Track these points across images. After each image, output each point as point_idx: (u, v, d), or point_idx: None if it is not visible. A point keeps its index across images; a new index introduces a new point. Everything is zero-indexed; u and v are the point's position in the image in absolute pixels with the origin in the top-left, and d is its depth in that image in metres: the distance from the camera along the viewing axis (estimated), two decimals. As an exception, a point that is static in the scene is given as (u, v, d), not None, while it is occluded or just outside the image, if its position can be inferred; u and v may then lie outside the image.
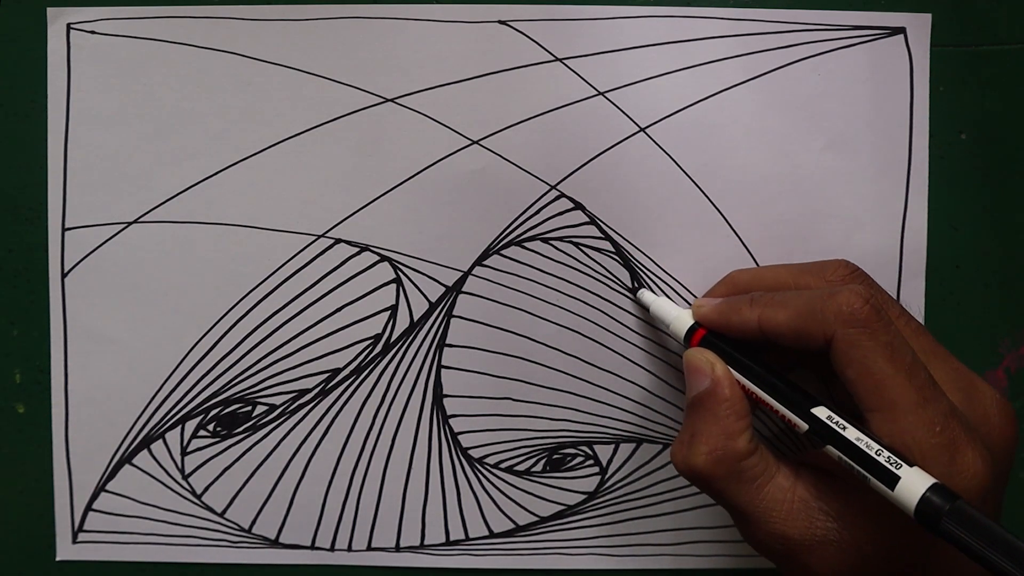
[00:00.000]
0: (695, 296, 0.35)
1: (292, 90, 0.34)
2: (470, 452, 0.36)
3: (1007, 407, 0.29)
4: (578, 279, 0.35)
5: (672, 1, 0.34)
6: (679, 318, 0.32)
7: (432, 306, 0.35)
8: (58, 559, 0.36)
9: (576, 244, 0.35)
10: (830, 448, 0.27)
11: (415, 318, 0.35)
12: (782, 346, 0.29)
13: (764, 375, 0.29)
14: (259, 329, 0.35)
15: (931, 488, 0.25)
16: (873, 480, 0.26)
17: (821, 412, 0.28)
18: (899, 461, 0.25)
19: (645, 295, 0.34)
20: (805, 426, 0.28)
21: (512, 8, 0.34)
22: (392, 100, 0.34)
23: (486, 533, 0.36)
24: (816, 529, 0.27)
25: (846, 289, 0.27)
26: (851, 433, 0.27)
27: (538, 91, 0.34)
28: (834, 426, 0.27)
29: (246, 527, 0.36)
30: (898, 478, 0.25)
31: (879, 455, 0.26)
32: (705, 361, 0.29)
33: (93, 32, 0.34)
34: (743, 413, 0.29)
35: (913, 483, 0.25)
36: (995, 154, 0.35)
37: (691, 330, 0.31)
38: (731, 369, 0.29)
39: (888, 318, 0.27)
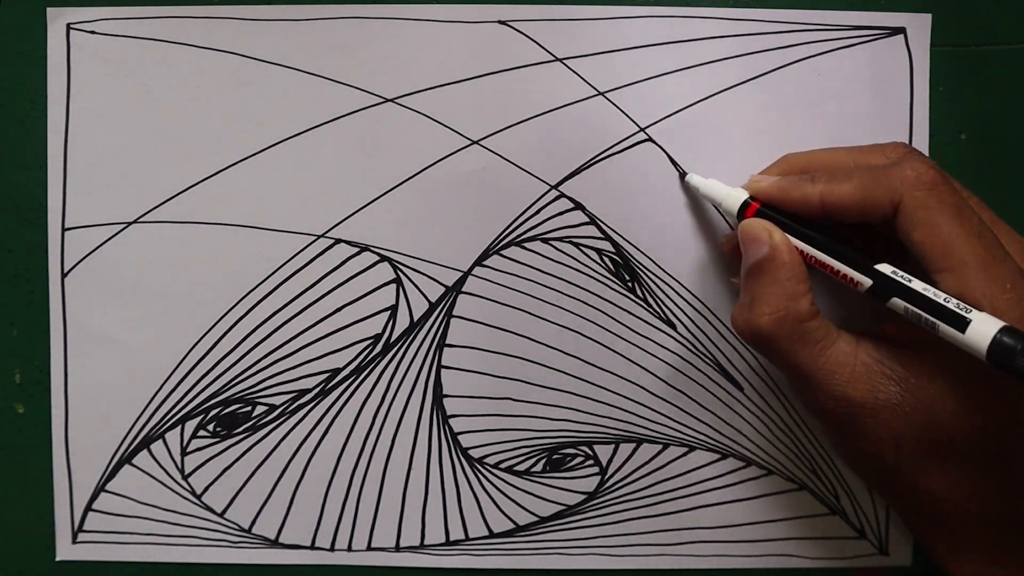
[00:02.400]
0: (688, 289, 0.35)
1: (292, 90, 0.34)
2: (470, 452, 0.36)
3: None
4: (578, 279, 0.35)
5: (672, 1, 0.34)
6: (731, 195, 0.32)
7: (432, 306, 0.35)
8: (58, 559, 0.36)
9: (576, 244, 0.35)
10: (896, 301, 0.27)
11: (415, 318, 0.35)
12: (839, 224, 0.29)
13: (823, 239, 0.29)
14: (259, 329, 0.35)
15: (1002, 329, 0.24)
16: (943, 326, 0.26)
17: (885, 268, 0.28)
18: (968, 307, 0.25)
19: (694, 178, 0.33)
20: (868, 282, 0.28)
21: (512, 8, 0.34)
22: (392, 100, 0.34)
23: (486, 533, 0.36)
24: (879, 392, 0.28)
25: (911, 157, 0.28)
26: (917, 284, 0.27)
27: (538, 91, 0.34)
28: (900, 279, 0.27)
29: (246, 527, 0.36)
30: (968, 321, 0.25)
31: (947, 302, 0.26)
32: (762, 228, 0.29)
33: (93, 32, 0.34)
34: (803, 277, 0.29)
35: (984, 325, 0.25)
36: (995, 154, 0.35)
37: (744, 204, 0.31)
38: (788, 236, 0.29)
39: (954, 184, 0.27)
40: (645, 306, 0.35)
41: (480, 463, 0.36)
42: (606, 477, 0.36)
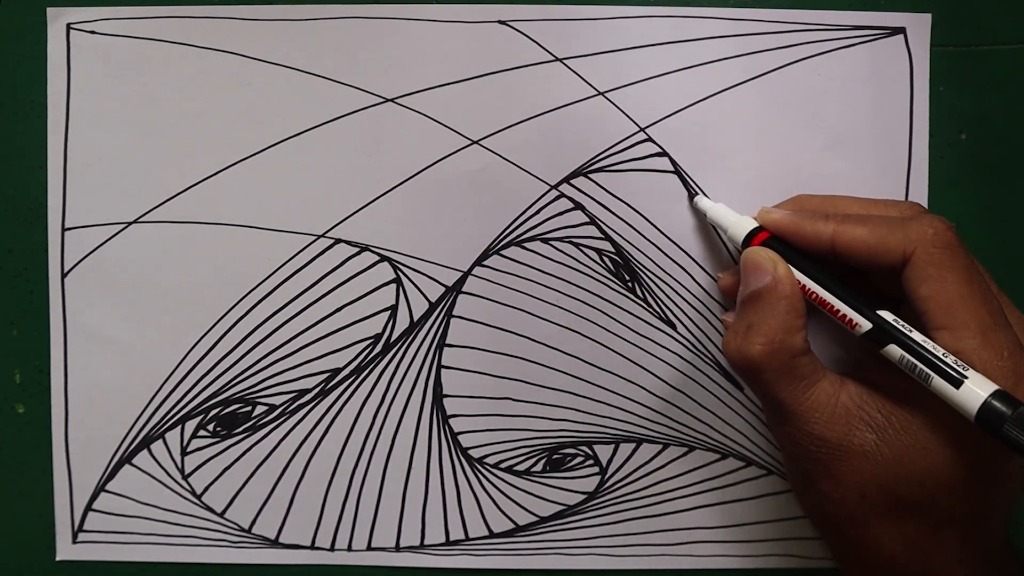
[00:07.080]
0: (693, 294, 0.35)
1: (292, 90, 0.34)
2: (470, 452, 0.36)
3: None
4: (578, 279, 0.35)
5: (672, 1, 0.34)
6: (739, 223, 0.32)
7: (432, 306, 0.35)
8: (58, 559, 0.36)
9: (576, 244, 0.35)
10: (892, 349, 0.27)
11: (415, 318, 0.35)
12: (842, 267, 0.30)
13: (829, 277, 0.29)
14: (259, 329, 0.35)
15: (995, 393, 0.25)
16: (937, 380, 0.26)
17: (887, 315, 0.28)
18: (965, 366, 0.26)
19: (703, 201, 0.34)
20: (867, 326, 0.28)
21: (512, 8, 0.34)
22: (392, 100, 0.34)
23: (486, 533, 0.36)
24: (854, 437, 0.28)
25: (929, 216, 0.28)
26: (918, 336, 0.27)
27: (538, 91, 0.34)
28: (900, 327, 0.27)
29: (246, 527, 0.36)
30: (963, 379, 0.25)
31: (946, 356, 0.26)
32: (767, 258, 0.30)
33: (93, 32, 0.34)
34: (801, 312, 0.29)
35: (978, 386, 0.25)
36: (995, 154, 0.35)
37: (752, 233, 0.31)
38: (792, 269, 0.30)
39: (967, 250, 0.28)
40: (645, 306, 0.35)
41: (480, 463, 0.36)
42: (606, 477, 0.36)
